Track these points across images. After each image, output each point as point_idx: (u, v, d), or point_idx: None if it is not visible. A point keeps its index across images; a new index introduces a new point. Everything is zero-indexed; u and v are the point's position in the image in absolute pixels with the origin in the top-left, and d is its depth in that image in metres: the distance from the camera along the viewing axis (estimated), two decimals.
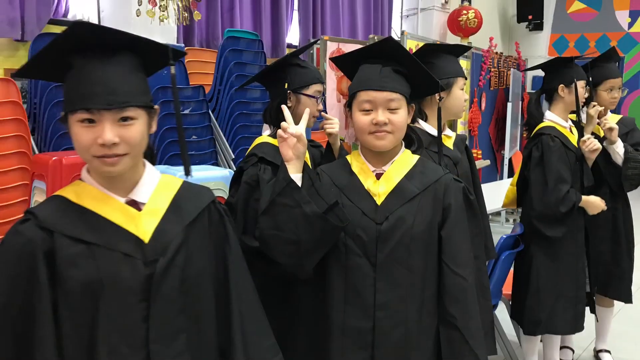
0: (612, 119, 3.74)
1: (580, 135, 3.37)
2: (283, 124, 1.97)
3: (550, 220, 3.31)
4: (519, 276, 3.57)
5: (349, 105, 2.05)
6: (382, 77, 1.97)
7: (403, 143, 2.10)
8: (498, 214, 8.01)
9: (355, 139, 2.26)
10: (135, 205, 1.56)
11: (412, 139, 2.14)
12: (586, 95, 3.54)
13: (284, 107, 2.08)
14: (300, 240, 1.90)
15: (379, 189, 2.00)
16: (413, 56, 2.06)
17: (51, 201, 1.55)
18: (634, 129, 3.91)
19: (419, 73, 2.07)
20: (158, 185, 1.61)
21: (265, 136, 2.50)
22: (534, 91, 3.51)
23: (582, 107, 3.53)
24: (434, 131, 2.63)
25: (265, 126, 2.55)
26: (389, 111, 1.95)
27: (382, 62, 1.99)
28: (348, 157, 2.13)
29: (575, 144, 3.38)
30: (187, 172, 1.64)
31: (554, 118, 3.47)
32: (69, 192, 1.54)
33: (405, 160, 2.06)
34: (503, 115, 9.00)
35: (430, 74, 2.11)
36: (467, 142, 2.97)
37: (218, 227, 1.69)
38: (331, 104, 5.18)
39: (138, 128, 1.49)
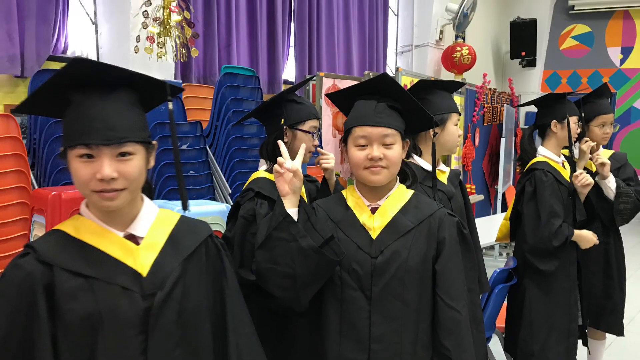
0: (604, 154, 3.79)
1: (573, 170, 3.40)
2: (279, 159, 1.98)
3: (543, 254, 3.32)
4: (512, 309, 3.57)
5: (344, 141, 2.07)
6: (377, 112, 1.99)
7: (398, 178, 2.11)
8: (492, 247, 8.01)
9: (350, 174, 2.28)
10: (134, 239, 1.57)
11: (407, 174, 2.15)
12: (578, 130, 3.57)
13: (280, 142, 2.09)
14: (296, 273, 1.91)
15: (374, 223, 2.02)
16: (408, 92, 2.08)
17: (50, 235, 1.56)
18: (626, 164, 3.95)
19: (414, 109, 2.08)
20: (156, 220, 1.63)
21: (261, 171, 2.52)
22: (527, 127, 3.54)
23: (575, 142, 3.57)
24: (428, 166, 2.65)
25: (262, 161, 2.57)
26: (384, 146, 1.97)
27: (377, 98, 2.02)
28: (343, 192, 2.14)
29: (568, 179, 3.41)
30: (185, 207, 1.66)
31: (546, 153, 3.51)
32: (68, 227, 1.55)
33: (400, 195, 2.08)
34: (496, 151, 9.06)
35: (424, 110, 2.13)
36: (461, 177, 2.99)
37: (215, 261, 1.70)
38: (327, 139, 5.20)
39: (136, 163, 1.51)
